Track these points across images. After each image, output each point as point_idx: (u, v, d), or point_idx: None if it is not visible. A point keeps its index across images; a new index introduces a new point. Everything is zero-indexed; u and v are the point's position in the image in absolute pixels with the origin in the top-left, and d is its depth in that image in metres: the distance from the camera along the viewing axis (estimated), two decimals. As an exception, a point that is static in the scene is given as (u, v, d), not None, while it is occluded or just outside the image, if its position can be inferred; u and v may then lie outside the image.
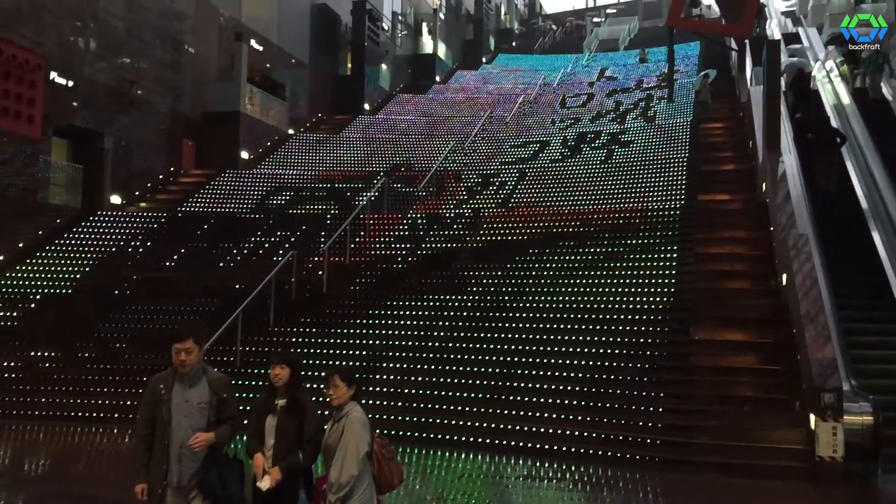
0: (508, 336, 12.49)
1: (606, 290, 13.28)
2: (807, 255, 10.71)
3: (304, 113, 27.81)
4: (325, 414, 5.18)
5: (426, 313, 13.55)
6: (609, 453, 9.84)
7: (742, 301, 12.50)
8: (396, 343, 12.75)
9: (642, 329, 12.07)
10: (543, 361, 11.71)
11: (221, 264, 16.16)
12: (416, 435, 10.72)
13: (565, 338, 12.12)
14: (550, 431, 10.42)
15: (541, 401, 10.89)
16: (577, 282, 13.71)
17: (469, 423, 10.82)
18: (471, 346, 12.37)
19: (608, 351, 11.65)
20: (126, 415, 11.47)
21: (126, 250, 16.92)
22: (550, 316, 12.78)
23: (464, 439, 10.63)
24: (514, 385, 11.38)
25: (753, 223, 14.51)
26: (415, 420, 11.12)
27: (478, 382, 11.59)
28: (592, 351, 11.69)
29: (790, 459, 9.15)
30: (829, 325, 9.53)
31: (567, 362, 11.58)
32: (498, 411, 10.92)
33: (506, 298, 13.60)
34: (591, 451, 9.94)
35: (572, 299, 13.18)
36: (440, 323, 13.17)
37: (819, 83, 20.62)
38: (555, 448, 10.10)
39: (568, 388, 11.05)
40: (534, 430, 10.50)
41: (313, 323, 13.65)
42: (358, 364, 12.07)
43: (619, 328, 12.13)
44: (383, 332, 13.13)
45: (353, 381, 5.08)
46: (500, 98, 29.12)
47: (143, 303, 14.64)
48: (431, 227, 17.02)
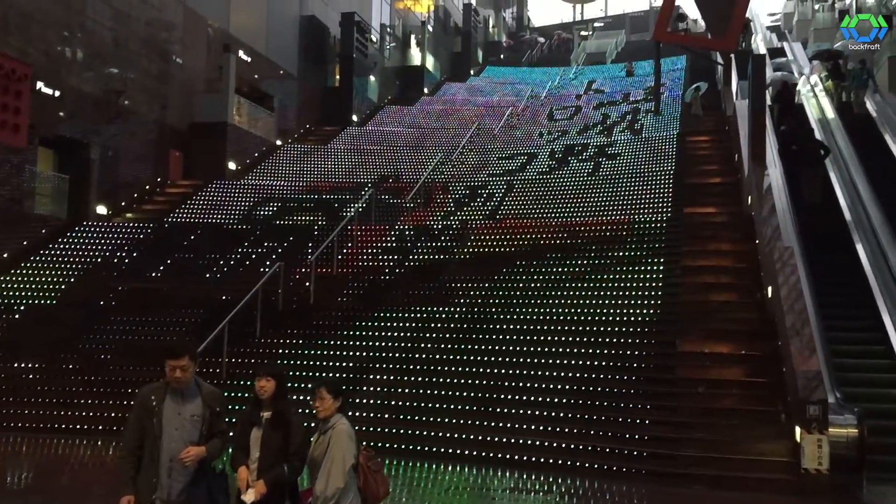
0: (496, 348, 12.48)
1: (593, 302, 13.32)
2: (792, 268, 10.79)
3: (292, 124, 27.79)
4: (312, 426, 5.16)
5: (413, 325, 13.52)
6: (596, 465, 9.85)
7: (728, 313, 12.57)
8: (383, 355, 12.71)
9: (629, 341, 12.10)
10: (530, 373, 11.71)
11: (208, 275, 16.08)
12: (403, 447, 10.67)
13: (552, 350, 12.14)
14: (537, 444, 10.42)
15: (528, 413, 10.89)
16: (564, 294, 13.74)
17: (456, 436, 10.79)
18: (458, 358, 12.36)
19: (595, 363, 11.67)
20: (110, 427, 11.38)
21: (112, 261, 16.81)
22: (537, 328, 12.79)
23: (450, 451, 10.59)
24: (501, 397, 11.37)
25: (739, 236, 14.60)
26: (401, 432, 11.08)
27: (465, 394, 11.58)
28: (579, 363, 11.71)
29: (776, 472, 9.18)
30: (814, 338, 9.60)
31: (554, 374, 11.59)
32: (485, 423, 10.90)
33: (493, 310, 13.61)
34: (577, 464, 9.93)
35: (559, 311, 13.21)
36: (427, 335, 13.16)
37: (804, 97, 20.85)
38: (541, 460, 10.10)
39: (555, 401, 11.05)
40: (521, 442, 10.49)
41: (300, 335, 13.60)
42: (345, 376, 12.03)
43: (606, 340, 12.15)
44: (370, 343, 13.09)
45: (339, 393, 5.07)
46: (487, 110, 29.22)
47: (129, 314, 14.53)
48: (419, 238, 17.01)
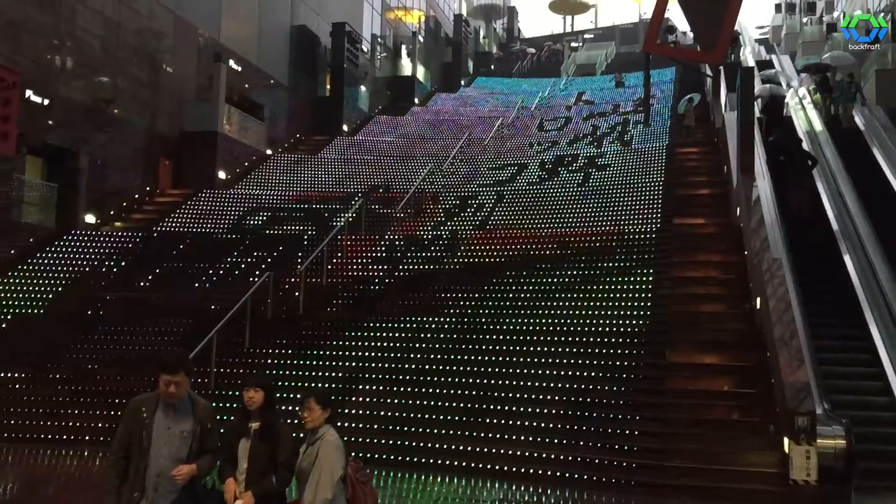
0: (485, 358, 12.45)
1: (583, 312, 13.32)
2: (780, 280, 10.82)
3: (283, 133, 27.78)
4: (301, 437, 5.13)
5: (403, 335, 13.49)
6: (585, 476, 9.83)
7: (717, 324, 12.59)
8: (373, 365, 12.67)
9: (618, 352, 12.10)
10: (520, 384, 11.69)
11: (197, 285, 16.01)
12: (392, 458, 10.63)
13: (542, 360, 12.12)
14: (526, 454, 10.39)
15: (517, 423, 10.87)
16: (554, 304, 13.74)
17: (445, 447, 10.76)
18: (448, 368, 12.33)
19: (584, 374, 11.67)
20: (97, 437, 11.28)
21: (100, 270, 16.72)
22: (527, 338, 12.78)
23: (440, 462, 10.55)
24: (491, 408, 11.34)
25: (728, 247, 14.65)
26: (391, 443, 11.03)
27: (454, 405, 11.53)
28: (568, 374, 11.70)
29: (765, 483, 9.18)
30: (802, 349, 9.62)
31: (543, 385, 11.57)
32: (474, 434, 10.87)
33: (483, 320, 13.59)
34: (566, 474, 9.91)
35: (549, 322, 13.20)
36: (417, 345, 13.12)
37: (792, 110, 21.00)
38: (531, 471, 10.07)
39: (544, 411, 11.04)
40: (510, 453, 10.46)
41: (289, 344, 13.53)
42: (334, 386, 11.99)
43: (596, 351, 12.15)
44: (360, 353, 13.05)
45: (328, 403, 5.06)
46: (478, 121, 29.30)
47: (117, 324, 14.44)
48: (409, 248, 17.00)
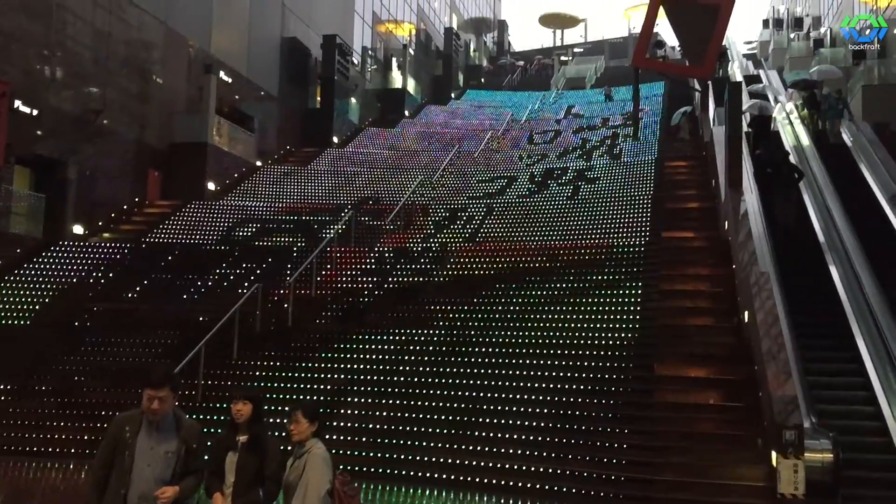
0: (474, 371, 12.45)
1: (571, 325, 13.33)
2: (768, 293, 10.87)
3: (273, 145, 27.79)
4: (288, 450, 5.11)
5: (392, 347, 13.47)
6: (573, 490, 9.82)
7: (705, 338, 12.61)
8: (362, 377, 12.64)
9: (607, 364, 12.11)
10: (508, 396, 11.69)
11: (185, 296, 15.95)
12: (380, 471, 10.59)
13: (530, 373, 12.12)
14: (515, 467, 10.37)
15: (505, 436, 10.85)
16: (543, 317, 13.74)
17: (434, 459, 10.73)
18: (436, 381, 12.32)
19: (573, 387, 11.66)
20: (83, 450, 11.21)
21: (88, 281, 16.64)
22: (516, 351, 12.78)
23: (428, 475, 10.52)
24: (479, 420, 11.33)
25: (716, 260, 14.70)
26: (379, 456, 10.99)
27: (443, 418, 11.52)
28: (557, 387, 11.70)
29: (753, 497, 9.18)
30: (790, 363, 9.65)
31: (532, 398, 11.56)
32: (463, 447, 10.85)
33: (472, 333, 13.58)
34: (555, 488, 9.90)
35: (538, 334, 13.20)
36: (406, 357, 13.11)
37: (779, 124, 21.15)
38: (519, 484, 10.05)
39: (532, 424, 11.03)
40: (499, 465, 10.45)
41: (278, 357, 13.48)
42: (322, 399, 11.96)
43: (584, 364, 12.16)
44: (349, 366, 13.02)
45: (315, 416, 5.04)
46: (468, 133, 29.38)
47: (104, 335, 14.37)
48: (398, 260, 16.99)
